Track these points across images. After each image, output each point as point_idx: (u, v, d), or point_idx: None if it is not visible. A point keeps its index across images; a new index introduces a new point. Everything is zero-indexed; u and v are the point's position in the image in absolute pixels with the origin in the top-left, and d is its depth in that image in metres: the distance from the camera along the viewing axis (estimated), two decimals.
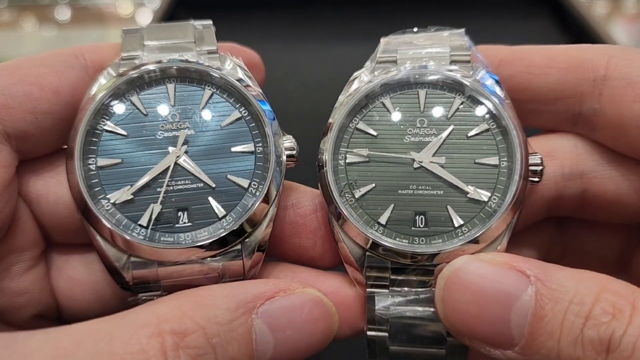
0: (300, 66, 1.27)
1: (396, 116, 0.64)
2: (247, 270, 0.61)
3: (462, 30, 0.69)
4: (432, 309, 0.60)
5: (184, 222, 0.60)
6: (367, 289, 0.63)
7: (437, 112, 0.64)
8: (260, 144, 0.63)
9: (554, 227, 0.74)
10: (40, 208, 0.62)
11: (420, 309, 0.61)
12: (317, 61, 1.30)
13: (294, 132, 0.66)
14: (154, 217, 0.59)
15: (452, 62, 0.66)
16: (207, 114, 0.63)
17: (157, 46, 0.66)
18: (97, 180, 0.60)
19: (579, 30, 1.35)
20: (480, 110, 0.64)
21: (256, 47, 0.74)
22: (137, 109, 0.62)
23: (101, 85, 0.62)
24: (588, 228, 0.73)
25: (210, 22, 0.69)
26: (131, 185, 0.60)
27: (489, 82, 0.64)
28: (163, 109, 0.62)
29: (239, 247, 0.60)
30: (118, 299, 0.65)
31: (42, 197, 0.62)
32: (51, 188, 0.62)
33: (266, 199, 0.61)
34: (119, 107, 0.62)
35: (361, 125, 0.65)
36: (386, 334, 0.62)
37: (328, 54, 1.31)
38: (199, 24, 0.68)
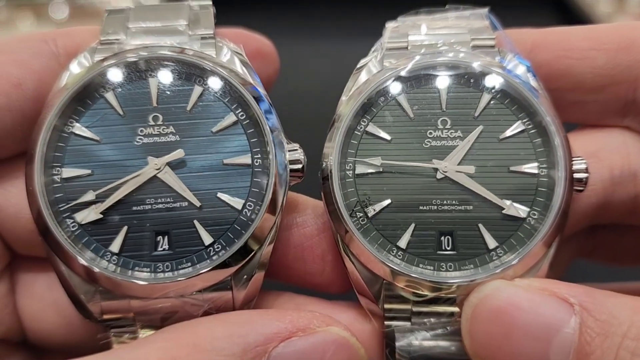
0: (301, 63, 1.25)
1: (413, 116, 0.56)
2: (238, 305, 0.54)
3: (486, 9, 0.61)
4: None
5: (164, 249, 0.53)
6: (385, 322, 0.56)
7: (462, 110, 0.56)
8: (259, 156, 0.54)
9: None
10: None
11: (447, 344, 0.54)
12: (320, 57, 1.28)
13: (295, 133, 0.58)
14: (127, 241, 0.52)
15: (474, 47, 0.58)
16: (195, 117, 0.55)
17: (142, 29, 0.58)
18: (61, 194, 0.53)
19: None
20: (513, 107, 0.56)
21: None
22: (112, 108, 0.54)
23: (71, 77, 0.55)
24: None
25: (209, 2, 0.61)
26: (102, 202, 0.53)
27: (521, 70, 0.57)
28: (143, 110, 0.54)
29: (229, 278, 0.53)
30: (88, 325, 0.57)
31: (2, 209, 0.56)
32: (12, 199, 0.56)
33: (264, 223, 0.53)
34: (90, 106, 0.55)
35: (371, 128, 0.57)
36: None
37: (331, 49, 1.29)
38: (195, 4, 0.61)
